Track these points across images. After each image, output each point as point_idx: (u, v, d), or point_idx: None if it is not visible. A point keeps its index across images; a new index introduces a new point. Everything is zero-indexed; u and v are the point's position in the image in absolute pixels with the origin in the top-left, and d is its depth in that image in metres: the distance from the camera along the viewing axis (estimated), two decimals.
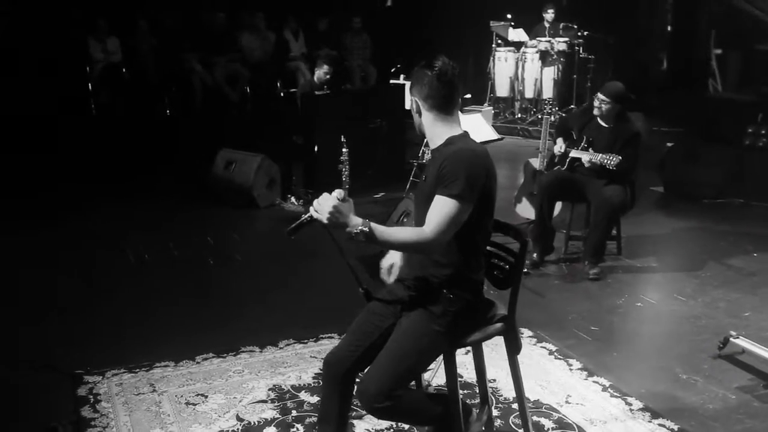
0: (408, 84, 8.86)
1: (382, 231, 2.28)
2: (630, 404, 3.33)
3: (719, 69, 11.95)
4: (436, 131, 2.50)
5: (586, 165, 4.99)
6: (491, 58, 11.03)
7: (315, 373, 3.53)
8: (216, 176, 6.94)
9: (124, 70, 9.29)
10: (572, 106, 10.61)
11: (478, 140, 5.83)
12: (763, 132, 9.44)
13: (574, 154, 5.10)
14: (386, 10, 11.79)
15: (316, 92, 7.35)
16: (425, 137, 2.60)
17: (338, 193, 2.29)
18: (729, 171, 7.25)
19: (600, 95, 5.09)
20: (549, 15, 10.98)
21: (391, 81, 10.05)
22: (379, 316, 2.52)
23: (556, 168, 5.27)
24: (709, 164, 7.27)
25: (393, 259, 2.66)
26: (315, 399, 3.29)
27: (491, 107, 10.56)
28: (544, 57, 10.70)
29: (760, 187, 7.17)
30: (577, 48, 10.87)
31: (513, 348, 2.62)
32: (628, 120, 5.21)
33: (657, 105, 12.39)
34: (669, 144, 8.50)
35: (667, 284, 4.87)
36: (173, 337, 4.01)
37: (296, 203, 6.83)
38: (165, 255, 5.43)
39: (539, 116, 10.16)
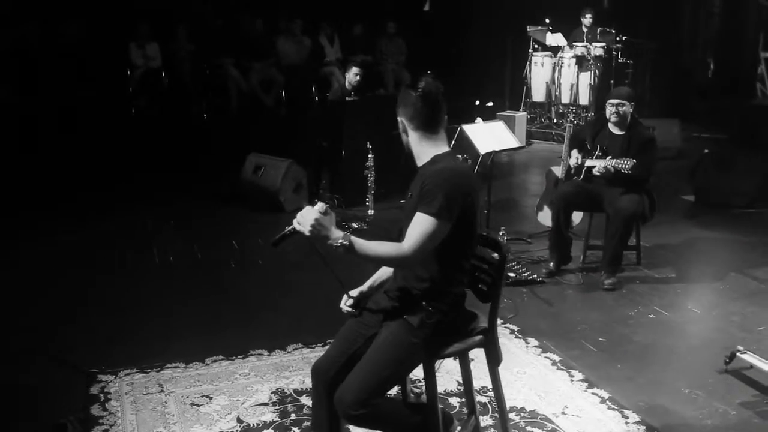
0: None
1: (362, 244, 2.35)
2: (626, 417, 3.33)
3: None
4: (422, 150, 2.56)
5: (602, 172, 4.96)
6: (528, 62, 11.01)
7: None
8: (245, 180, 7.12)
9: (163, 74, 9.55)
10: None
11: (499, 148, 5.88)
12: None
13: (589, 163, 5.09)
14: (424, 14, 11.83)
15: (353, 94, 7.47)
16: (413, 155, 2.63)
17: (320, 206, 2.37)
18: (763, 180, 7.10)
19: (613, 100, 5.09)
20: (587, 20, 10.90)
21: None
22: (364, 324, 2.60)
23: (573, 178, 5.26)
24: (742, 173, 7.13)
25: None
26: None
27: (525, 113, 10.52)
28: (581, 62, 10.63)
29: None
30: (614, 53, 10.75)
31: (493, 360, 2.66)
32: (641, 125, 5.19)
33: (701, 110, 12.20)
34: (707, 151, 8.36)
35: (683, 296, 4.82)
36: (187, 338, 4.15)
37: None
38: (189, 257, 5.61)
39: (573, 122, 10.09)
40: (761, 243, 5.99)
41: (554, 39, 11.11)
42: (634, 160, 4.75)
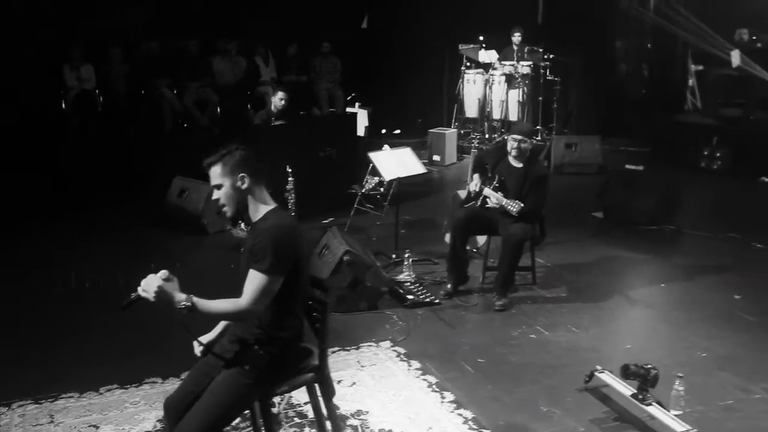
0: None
1: (204, 304, 2.61)
2: None
3: (699, 86, 12.12)
4: (258, 206, 2.81)
5: (495, 206, 5.27)
6: (460, 79, 11.36)
7: None
8: (170, 203, 7.32)
9: (97, 91, 9.67)
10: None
11: (404, 174, 6.16)
12: (718, 155, 9.75)
13: (486, 192, 5.37)
14: (361, 32, 12.09)
15: (273, 121, 7.70)
16: (240, 216, 2.84)
17: (163, 273, 2.61)
18: (661, 199, 7.49)
19: (515, 136, 5.38)
20: (516, 38, 11.28)
21: (347, 109, 10.40)
22: (210, 365, 2.84)
23: (470, 203, 5.55)
24: (645, 191, 7.51)
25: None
26: None
27: (456, 129, 10.85)
28: (510, 80, 11.01)
29: (692, 213, 7.48)
30: (542, 71, 11.16)
31: (326, 394, 2.93)
32: (537, 162, 5.51)
33: (632, 124, 12.67)
34: (627, 166, 8.75)
35: (566, 315, 5.13)
36: (89, 366, 4.33)
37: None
38: (107, 282, 5.77)
39: (504, 138, 10.44)
40: (654, 260, 6.36)
41: (488, 56, 11.46)
42: (522, 205, 5.05)
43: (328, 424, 2.99)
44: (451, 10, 11.64)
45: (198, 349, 2.90)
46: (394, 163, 6.12)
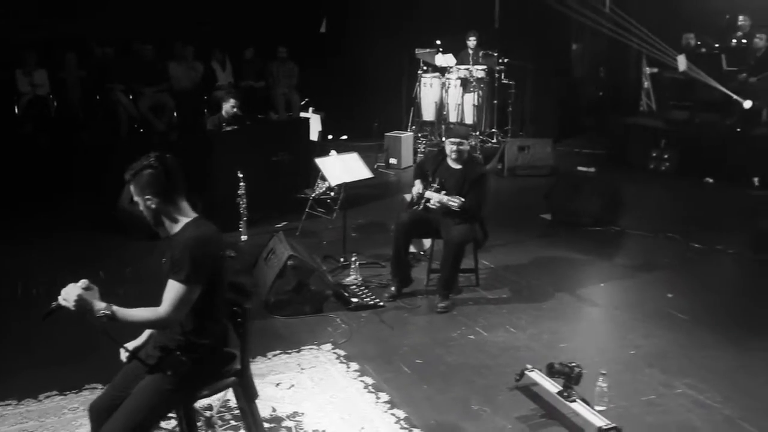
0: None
1: (124, 312, 2.69)
2: None
3: (654, 89, 12.39)
4: (173, 220, 2.88)
5: (437, 206, 5.40)
6: (417, 83, 11.50)
7: None
8: (122, 209, 7.32)
9: (51, 96, 9.63)
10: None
11: (350, 179, 6.25)
12: (666, 156, 10.00)
13: (427, 195, 5.50)
14: (318, 37, 12.17)
15: (225, 125, 7.74)
16: (161, 231, 2.91)
17: (83, 282, 2.67)
18: (609, 199, 7.68)
19: (453, 139, 5.52)
20: (471, 42, 11.46)
21: (301, 114, 10.50)
22: (135, 371, 2.91)
23: (413, 208, 5.66)
24: (591, 192, 7.70)
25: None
26: None
27: (412, 132, 10.97)
28: (465, 84, 11.17)
29: (637, 214, 7.69)
30: (497, 75, 11.35)
31: (248, 396, 3.02)
32: (476, 162, 5.64)
33: (589, 127, 12.91)
34: (580, 168, 8.96)
35: (505, 316, 5.27)
36: (30, 373, 4.35)
37: None
38: (55, 289, 5.76)
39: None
40: (596, 260, 6.54)
41: (444, 60, 11.62)
42: (462, 200, 5.18)
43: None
44: (409, 14, 11.78)
45: (124, 355, 2.97)
46: (340, 168, 6.21)
